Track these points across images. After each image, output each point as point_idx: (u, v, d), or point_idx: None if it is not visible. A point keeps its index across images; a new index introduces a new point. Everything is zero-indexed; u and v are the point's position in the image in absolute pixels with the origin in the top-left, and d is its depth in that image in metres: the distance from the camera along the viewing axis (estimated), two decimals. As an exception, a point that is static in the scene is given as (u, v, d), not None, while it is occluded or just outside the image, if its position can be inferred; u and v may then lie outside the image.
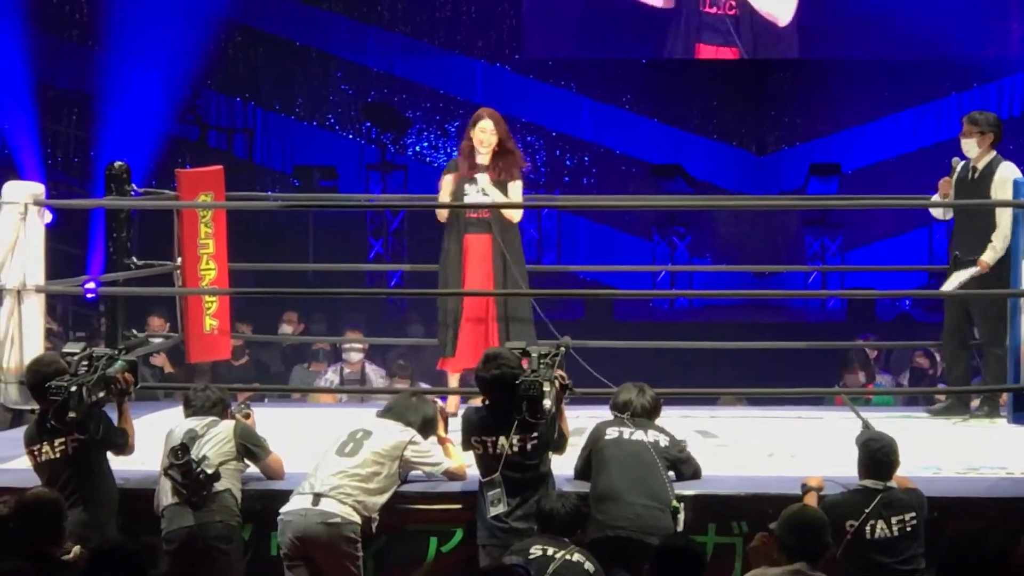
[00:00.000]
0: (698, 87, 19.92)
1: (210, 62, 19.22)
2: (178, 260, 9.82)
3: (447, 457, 7.31)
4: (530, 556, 6.38)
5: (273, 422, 8.18)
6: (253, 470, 7.25)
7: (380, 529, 7.01)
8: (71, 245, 16.33)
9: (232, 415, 7.32)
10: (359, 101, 20.02)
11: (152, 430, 7.66)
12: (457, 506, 7.18)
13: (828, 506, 6.57)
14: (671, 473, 7.07)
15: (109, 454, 7.04)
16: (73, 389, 6.72)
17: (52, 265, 9.03)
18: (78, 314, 16.04)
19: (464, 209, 9.02)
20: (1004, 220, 8.96)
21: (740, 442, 8.55)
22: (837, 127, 19.56)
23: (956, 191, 9.22)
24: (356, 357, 12.49)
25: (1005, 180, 9.00)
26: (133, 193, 9.86)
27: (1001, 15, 19.10)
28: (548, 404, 6.78)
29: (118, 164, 9.78)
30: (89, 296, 12.40)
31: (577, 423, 7.51)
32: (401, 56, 19.97)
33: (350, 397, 12.02)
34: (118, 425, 7.11)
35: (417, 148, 19.97)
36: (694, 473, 7.26)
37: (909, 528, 6.59)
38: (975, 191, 9.11)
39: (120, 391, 7.06)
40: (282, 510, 6.92)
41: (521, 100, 19.76)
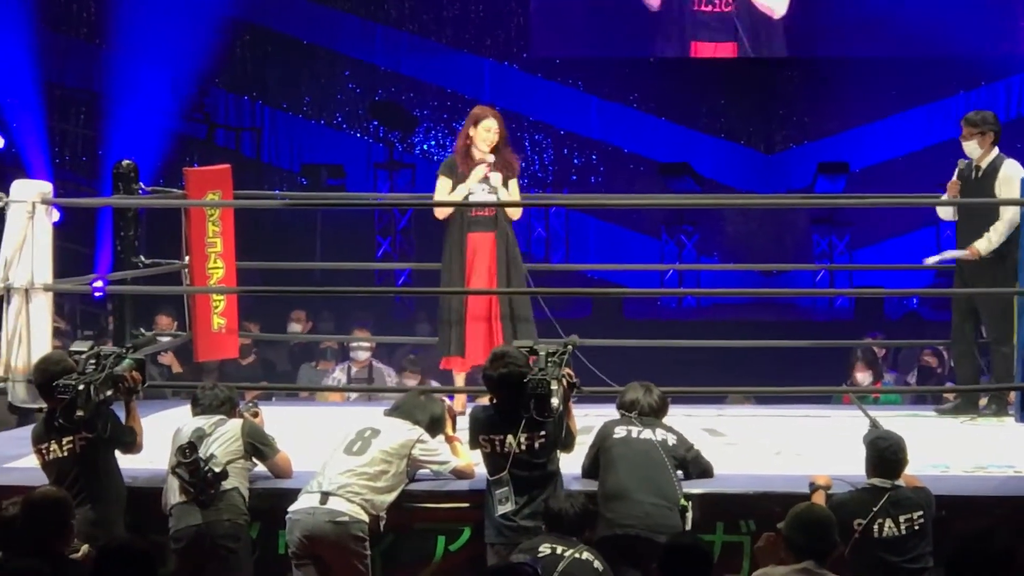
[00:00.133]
0: (706, 86, 19.91)
1: (218, 61, 19.22)
2: (186, 259, 9.84)
3: (455, 456, 7.32)
4: (539, 554, 6.38)
5: (281, 420, 8.18)
6: (261, 469, 7.25)
7: (388, 528, 7.01)
8: (79, 244, 16.35)
9: (240, 414, 7.32)
10: (367, 100, 20.03)
11: (160, 429, 7.67)
12: (465, 505, 7.17)
13: (836, 505, 6.57)
14: (679, 472, 7.07)
15: (117, 453, 7.04)
16: (81, 388, 6.72)
17: (60, 264, 9.03)
18: (86, 313, 16.04)
19: (468, 208, 9.03)
20: (1005, 216, 8.98)
21: (748, 441, 8.55)
22: (845, 125, 19.55)
23: (961, 191, 9.24)
24: (364, 355, 12.49)
25: (1009, 178, 9.03)
26: (141, 192, 9.87)
27: (1009, 13, 19.08)
28: (556, 402, 6.78)
29: (126, 163, 9.79)
30: (97, 295, 12.41)
31: (585, 421, 7.51)
32: (409, 55, 19.99)
33: (358, 396, 12.02)
34: (126, 424, 7.11)
35: (425, 147, 19.98)
36: (703, 471, 7.26)
37: (917, 527, 6.58)
38: (979, 190, 9.13)
39: (128, 389, 7.06)
40: (290, 509, 6.92)
41: (529, 99, 19.78)
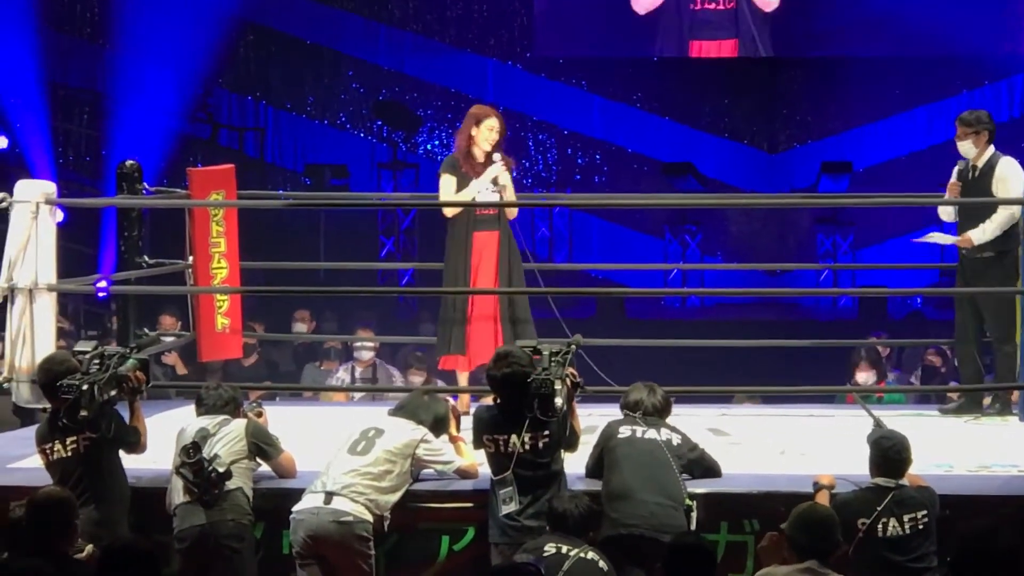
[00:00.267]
0: (709, 85, 19.89)
1: (221, 60, 19.23)
2: (190, 259, 9.84)
3: (459, 455, 7.32)
4: (544, 554, 6.38)
5: (285, 420, 8.19)
6: (265, 469, 7.26)
7: (392, 527, 7.02)
8: (83, 244, 16.36)
9: (244, 414, 7.32)
10: (370, 99, 20.02)
11: (164, 429, 7.67)
12: (469, 504, 7.18)
13: (840, 504, 6.57)
14: (684, 474, 7.07)
15: (121, 453, 7.05)
16: (84, 388, 6.73)
17: (64, 264, 9.03)
18: (90, 313, 16.05)
19: (474, 207, 9.03)
20: (1002, 212, 9.01)
21: (752, 440, 8.55)
22: (848, 125, 19.53)
23: (960, 191, 9.26)
24: (368, 355, 12.49)
25: (1005, 176, 9.07)
26: (144, 192, 9.87)
27: (1012, 12, 19.05)
28: (559, 402, 6.78)
29: (129, 163, 9.79)
30: (101, 295, 12.42)
31: (588, 421, 7.51)
32: (412, 54, 19.98)
33: (362, 395, 12.03)
34: (130, 424, 7.11)
35: (428, 146, 19.98)
36: (709, 471, 7.25)
37: (921, 526, 6.58)
38: (977, 189, 9.16)
39: (132, 389, 7.06)
40: (294, 508, 6.93)
41: (532, 98, 19.78)
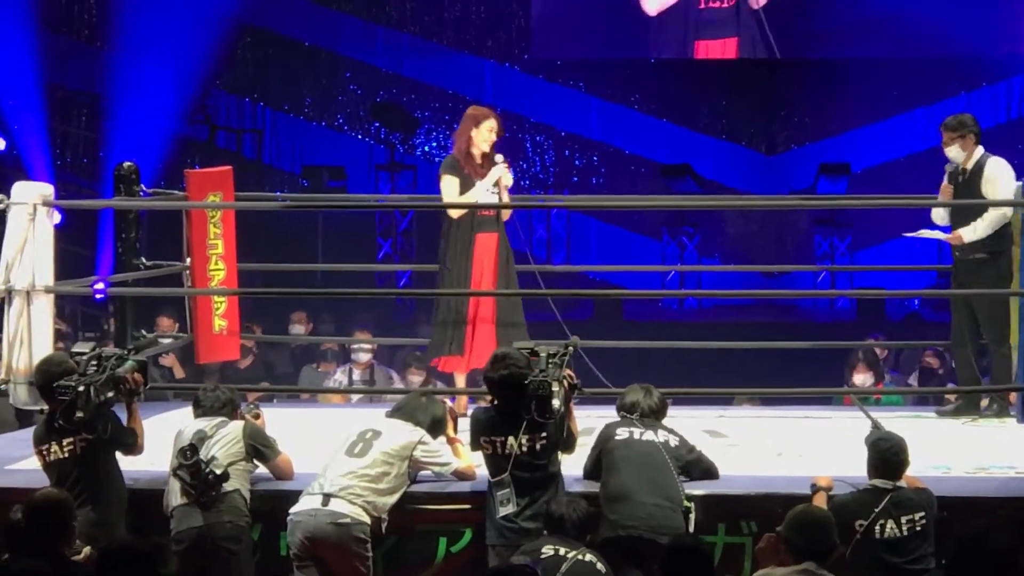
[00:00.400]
0: (707, 87, 19.90)
1: (219, 62, 19.22)
2: (187, 260, 9.84)
3: (456, 457, 7.32)
4: (541, 556, 6.38)
5: (282, 422, 8.18)
6: (263, 470, 7.26)
7: (390, 529, 7.02)
8: (80, 246, 16.36)
9: (242, 415, 7.32)
10: (368, 101, 20.03)
11: (161, 431, 7.67)
12: (466, 506, 7.18)
13: (837, 506, 6.57)
14: (682, 475, 7.08)
15: (118, 454, 7.05)
16: (81, 389, 6.72)
17: (61, 266, 9.04)
18: (87, 315, 16.04)
19: (478, 208, 9.04)
20: (993, 211, 9.04)
21: (749, 442, 8.55)
22: (846, 126, 19.54)
23: (952, 194, 9.30)
24: (365, 357, 12.49)
25: (993, 176, 9.10)
26: (142, 193, 9.88)
27: (1010, 13, 19.06)
28: (557, 404, 6.78)
29: (127, 164, 9.80)
30: (98, 297, 12.43)
31: (586, 423, 7.51)
32: (410, 56, 19.99)
33: (359, 397, 12.02)
34: (127, 425, 7.11)
35: (426, 148, 19.99)
36: (707, 472, 7.26)
37: (919, 528, 6.59)
38: (967, 191, 9.21)
39: (129, 391, 7.06)
40: (292, 510, 6.93)
41: (530, 100, 19.79)
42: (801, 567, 5.85)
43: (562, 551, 6.42)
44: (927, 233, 9.48)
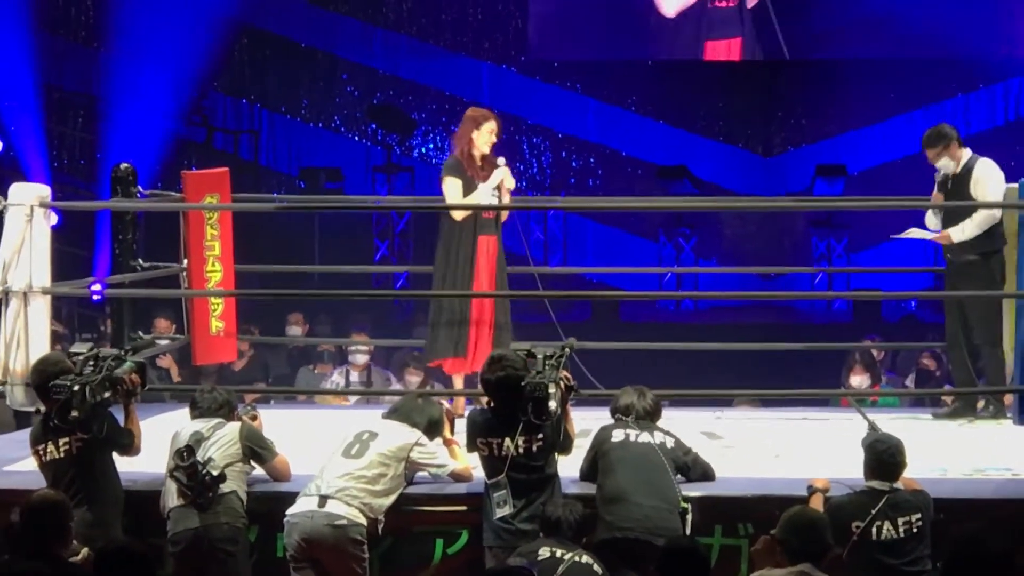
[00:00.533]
0: (704, 88, 19.89)
1: (216, 64, 19.20)
2: (184, 262, 9.84)
3: (453, 459, 7.32)
4: (538, 557, 6.39)
5: (279, 424, 8.18)
6: (259, 472, 7.25)
7: (386, 531, 7.02)
8: (77, 247, 16.32)
9: (239, 417, 7.32)
10: (365, 103, 20.02)
11: (158, 432, 7.67)
12: (463, 508, 7.18)
13: (834, 507, 6.58)
14: (678, 475, 7.08)
15: (115, 455, 7.04)
16: (76, 388, 6.72)
17: (58, 267, 9.03)
18: (84, 316, 16.03)
19: (480, 210, 9.04)
20: (981, 211, 9.07)
21: (746, 443, 8.55)
22: (843, 128, 19.54)
23: (939, 193, 9.34)
24: (362, 359, 12.49)
25: (980, 177, 9.14)
26: (139, 195, 9.87)
27: (1007, 15, 19.05)
28: (553, 405, 6.78)
29: (124, 166, 9.79)
30: (95, 298, 12.40)
31: (583, 424, 7.51)
32: (407, 58, 19.97)
33: (357, 399, 12.02)
34: (124, 426, 7.11)
35: (423, 150, 19.98)
36: (703, 474, 7.26)
37: (915, 529, 6.59)
38: (957, 194, 9.25)
39: (127, 392, 7.06)
40: (288, 512, 6.93)
41: (527, 102, 19.78)
42: (797, 569, 5.86)
43: (559, 553, 6.42)
44: (916, 233, 9.49)
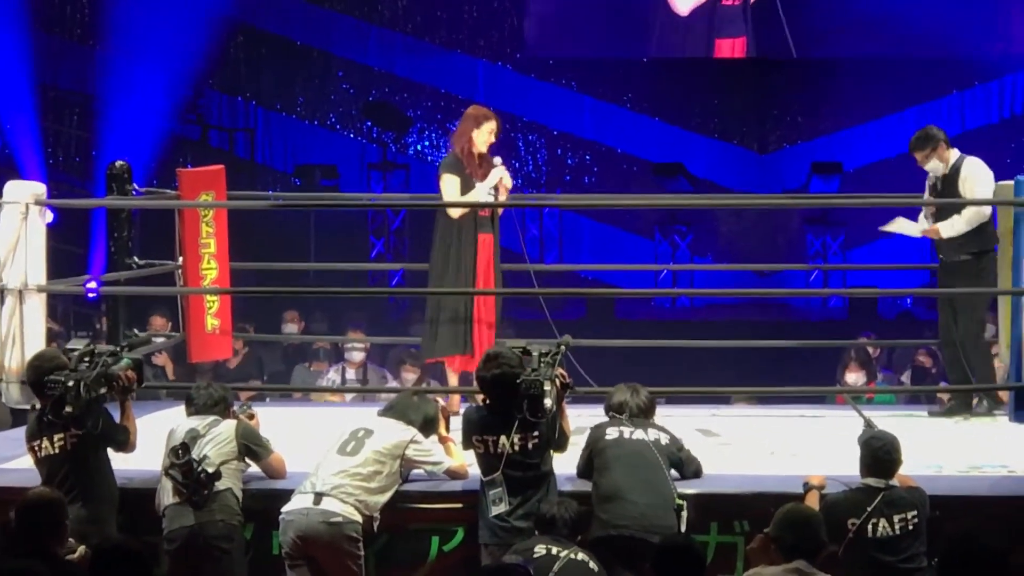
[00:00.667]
0: (700, 86, 19.88)
1: (212, 61, 19.18)
2: (179, 260, 9.84)
3: (448, 456, 7.31)
4: (534, 555, 6.39)
5: (275, 421, 8.18)
6: (255, 469, 7.25)
7: (382, 528, 7.02)
8: (72, 245, 16.32)
9: (235, 415, 7.31)
10: (360, 100, 20.00)
11: (154, 429, 7.67)
12: (459, 505, 7.18)
13: (830, 504, 6.58)
14: (673, 471, 7.08)
15: (111, 452, 7.04)
16: (70, 384, 6.71)
17: (53, 265, 9.03)
18: (79, 314, 16.03)
19: (478, 208, 9.04)
20: (970, 208, 9.12)
21: (742, 440, 8.55)
22: (839, 125, 19.54)
23: (930, 196, 9.38)
24: (358, 356, 12.49)
25: (968, 176, 9.19)
26: (134, 193, 9.87)
27: (1003, 12, 19.07)
28: (549, 403, 6.78)
29: (119, 164, 9.79)
30: (90, 296, 12.41)
31: (578, 422, 7.51)
32: (403, 55, 19.96)
33: (352, 396, 12.02)
34: (120, 423, 7.10)
35: (418, 147, 19.97)
36: (695, 472, 7.26)
37: (911, 527, 6.58)
38: (946, 193, 9.30)
39: (123, 388, 7.06)
40: (284, 509, 6.92)
41: (522, 99, 19.76)
42: (792, 566, 5.85)
43: (554, 550, 6.42)
44: (903, 225, 9.52)
